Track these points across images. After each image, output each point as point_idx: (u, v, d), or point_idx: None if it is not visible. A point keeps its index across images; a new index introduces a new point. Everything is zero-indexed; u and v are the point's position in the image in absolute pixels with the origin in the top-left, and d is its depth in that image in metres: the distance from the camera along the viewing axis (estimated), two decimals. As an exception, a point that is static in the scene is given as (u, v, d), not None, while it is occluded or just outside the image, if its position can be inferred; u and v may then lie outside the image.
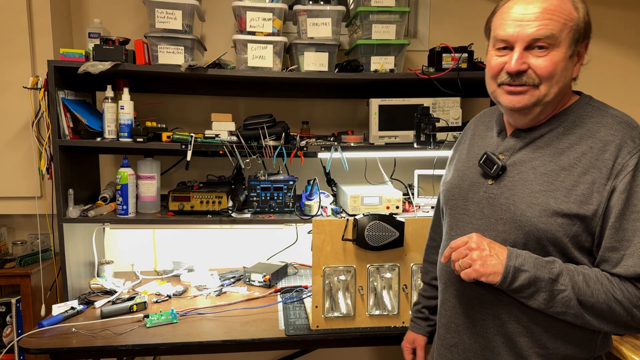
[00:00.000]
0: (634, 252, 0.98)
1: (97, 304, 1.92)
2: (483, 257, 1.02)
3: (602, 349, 1.12)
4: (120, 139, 1.93)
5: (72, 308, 1.84)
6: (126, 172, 1.97)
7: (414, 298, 1.76)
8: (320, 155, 2.04)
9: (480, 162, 1.14)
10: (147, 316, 1.79)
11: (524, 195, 1.06)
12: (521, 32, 1.01)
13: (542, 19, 0.99)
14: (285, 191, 2.06)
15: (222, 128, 2.00)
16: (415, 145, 1.85)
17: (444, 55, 2.03)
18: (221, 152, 1.93)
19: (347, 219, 1.71)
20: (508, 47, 1.04)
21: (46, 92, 1.86)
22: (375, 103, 2.07)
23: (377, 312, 1.76)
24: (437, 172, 2.13)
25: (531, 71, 1.02)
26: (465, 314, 1.16)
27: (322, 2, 2.02)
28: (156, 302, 1.99)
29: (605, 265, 1.02)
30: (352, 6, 2.23)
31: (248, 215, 2.03)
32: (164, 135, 1.95)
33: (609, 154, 1.00)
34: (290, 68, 2.06)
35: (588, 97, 1.11)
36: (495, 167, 1.10)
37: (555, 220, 1.01)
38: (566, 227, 1.01)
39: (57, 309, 1.82)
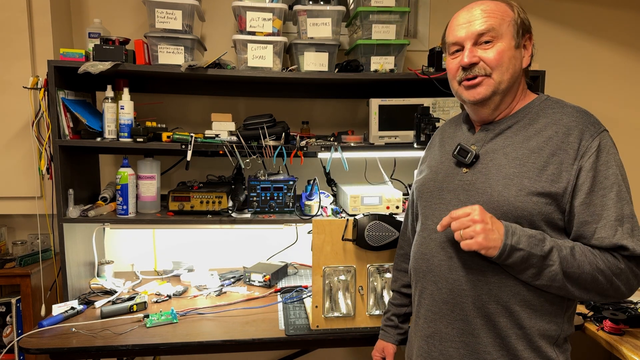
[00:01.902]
0: (605, 224, 1.07)
1: (97, 304, 1.92)
2: (487, 230, 1.06)
3: (568, 326, 1.18)
4: (120, 139, 1.93)
5: (72, 308, 1.85)
6: (126, 172, 1.97)
7: (414, 298, 1.77)
8: (320, 155, 2.04)
9: (454, 153, 1.22)
10: (147, 316, 1.79)
11: (498, 178, 1.14)
12: (467, 31, 1.16)
13: (482, 17, 1.15)
14: (285, 191, 2.06)
15: (222, 128, 2.00)
16: (415, 145, 1.85)
17: (444, 55, 2.03)
18: (221, 152, 1.93)
19: (347, 219, 1.71)
20: (460, 49, 1.19)
21: (46, 92, 1.86)
22: (375, 103, 2.07)
23: (377, 312, 1.76)
24: (437, 172, 2.12)
25: (482, 63, 1.15)
26: (444, 300, 1.20)
27: (322, 2, 2.02)
28: (156, 302, 1.99)
29: (581, 240, 1.10)
30: (352, 6, 2.23)
31: (248, 215, 2.04)
32: (164, 135, 1.95)
33: (573, 137, 1.11)
34: (290, 68, 2.06)
35: (545, 95, 1.24)
36: (469, 155, 1.19)
37: (530, 199, 1.09)
38: (540, 205, 1.09)
39: (57, 309, 1.83)
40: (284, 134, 1.97)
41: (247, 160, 1.95)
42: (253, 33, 1.98)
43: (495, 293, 1.13)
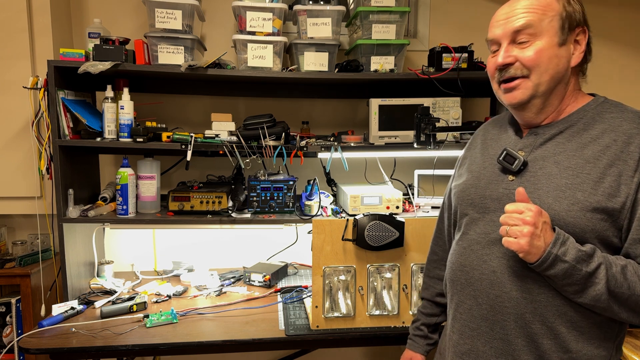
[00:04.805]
0: None
1: (97, 304, 1.92)
2: (534, 235, 0.98)
3: (616, 354, 1.09)
4: (120, 139, 1.93)
5: (72, 308, 1.84)
6: (126, 172, 1.97)
7: (414, 298, 1.77)
8: (320, 155, 2.04)
9: (500, 158, 1.13)
10: (147, 316, 1.79)
11: (549, 189, 1.04)
12: (504, 29, 1.08)
13: (521, 13, 1.06)
14: (285, 191, 2.06)
15: (222, 128, 1.99)
16: (415, 145, 1.85)
17: (444, 55, 2.03)
18: (221, 152, 1.93)
19: (347, 219, 1.71)
20: (498, 48, 1.11)
21: (46, 92, 1.86)
22: (375, 103, 2.07)
23: (377, 312, 1.76)
24: (437, 172, 2.13)
25: (518, 63, 1.07)
26: (483, 317, 1.12)
27: (322, 2, 2.02)
28: (156, 302, 1.99)
29: (632, 258, 1.01)
30: (352, 6, 2.23)
31: (248, 215, 2.03)
32: (164, 135, 1.95)
33: (634, 146, 1.00)
34: (290, 68, 2.06)
35: (602, 97, 1.12)
36: (516, 162, 1.09)
37: (584, 215, 1.00)
38: (595, 222, 1.00)
39: (57, 309, 1.82)
40: (284, 134, 1.97)
41: (247, 160, 1.95)
42: (253, 33, 1.98)
43: (540, 312, 1.05)
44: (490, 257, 1.10)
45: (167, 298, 2.02)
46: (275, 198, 2.06)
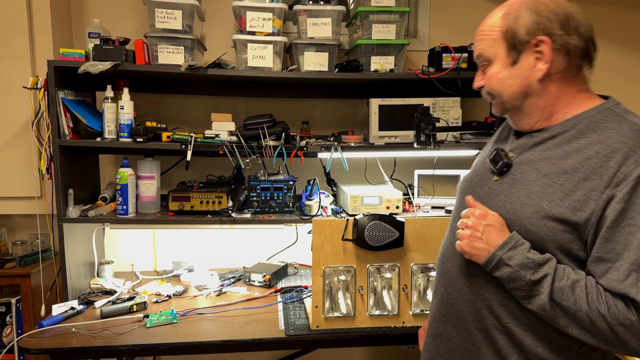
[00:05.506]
0: (621, 266, 0.93)
1: (97, 304, 1.92)
2: (473, 237, 1.05)
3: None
4: (120, 139, 1.93)
5: (72, 308, 1.84)
6: (126, 172, 1.97)
7: (414, 298, 1.77)
8: (320, 155, 2.04)
9: (489, 158, 1.15)
10: (147, 316, 1.79)
11: (520, 194, 1.05)
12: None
13: (476, 41, 1.12)
14: (285, 191, 2.06)
15: (222, 128, 1.99)
16: (415, 145, 1.85)
17: (444, 55, 2.03)
18: (221, 152, 1.93)
19: (347, 219, 1.71)
20: None
21: (46, 92, 1.86)
22: (375, 103, 2.07)
23: (377, 312, 1.76)
24: (437, 172, 2.13)
25: (485, 86, 1.13)
26: (451, 305, 1.17)
27: (322, 2, 2.02)
28: (156, 302, 1.99)
29: (594, 277, 0.98)
30: (352, 6, 2.23)
31: (248, 215, 2.03)
32: (164, 135, 1.95)
33: (614, 161, 0.96)
34: (290, 68, 2.06)
35: (614, 102, 1.07)
36: (500, 163, 1.10)
37: (545, 224, 0.99)
38: (555, 232, 0.99)
39: (57, 309, 1.82)
40: (284, 134, 1.97)
41: (247, 160, 1.95)
42: (253, 33, 1.98)
43: (495, 311, 1.07)
44: (458, 252, 1.13)
45: (167, 298, 2.02)
46: (275, 198, 2.06)
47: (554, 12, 1.02)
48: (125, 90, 1.95)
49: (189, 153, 1.90)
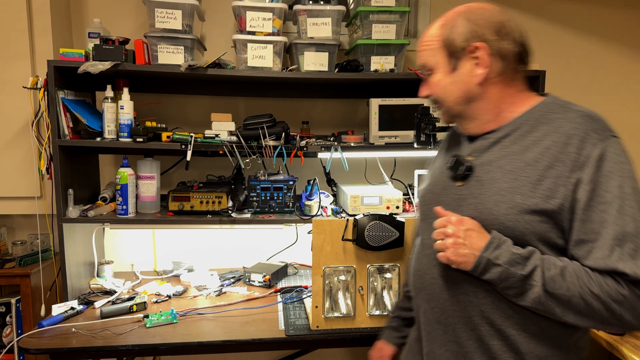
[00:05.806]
0: (603, 244, 0.95)
1: (97, 304, 1.92)
2: (456, 244, 1.03)
3: (577, 352, 1.08)
4: (120, 139, 1.93)
5: (72, 308, 1.84)
6: (126, 172, 1.97)
7: (414, 298, 1.77)
8: (320, 155, 2.04)
9: (449, 165, 1.16)
10: (147, 316, 1.79)
11: (490, 193, 1.06)
12: None
13: (419, 52, 1.17)
14: (285, 191, 2.06)
15: (222, 128, 1.99)
16: (415, 145, 1.85)
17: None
18: (221, 152, 1.93)
19: (347, 219, 1.71)
20: None
21: (46, 92, 1.86)
22: (375, 103, 2.07)
23: (377, 312, 1.76)
24: (437, 172, 2.12)
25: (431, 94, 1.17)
26: (437, 320, 1.14)
27: (322, 2, 2.02)
28: (156, 302, 1.99)
29: (578, 261, 1.00)
30: (352, 6, 2.23)
31: (248, 215, 2.03)
32: (164, 135, 1.95)
33: (572, 146, 1.00)
34: (290, 68, 2.06)
35: (553, 97, 1.12)
36: (461, 168, 1.12)
37: (522, 218, 1.01)
38: (534, 224, 1.00)
39: (57, 309, 1.82)
40: (284, 134, 1.97)
41: (247, 160, 1.95)
42: (253, 33, 1.97)
43: (487, 315, 1.06)
44: (438, 262, 1.11)
45: (167, 298, 2.02)
46: (275, 198, 2.06)
47: (487, 20, 1.08)
48: (125, 90, 1.95)
49: (189, 153, 1.90)
